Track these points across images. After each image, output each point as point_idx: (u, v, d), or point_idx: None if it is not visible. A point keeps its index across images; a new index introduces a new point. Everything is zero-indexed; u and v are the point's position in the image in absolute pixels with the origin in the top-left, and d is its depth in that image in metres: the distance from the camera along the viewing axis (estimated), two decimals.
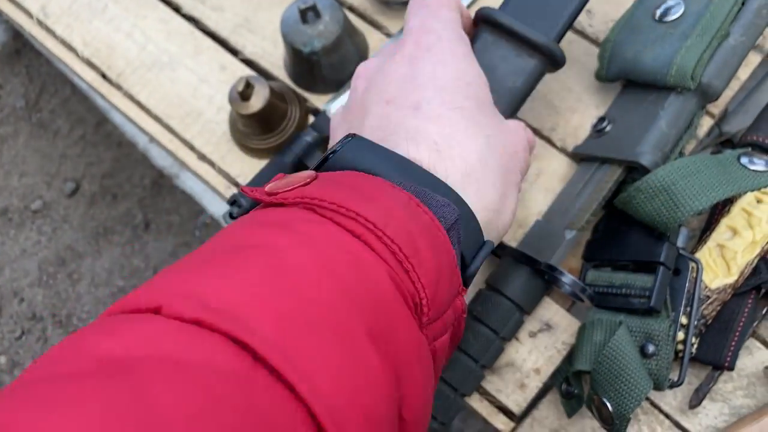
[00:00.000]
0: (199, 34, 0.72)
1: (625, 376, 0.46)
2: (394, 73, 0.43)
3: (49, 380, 0.24)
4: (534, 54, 0.50)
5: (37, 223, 1.21)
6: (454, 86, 0.42)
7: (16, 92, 1.31)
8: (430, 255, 0.33)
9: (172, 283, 0.29)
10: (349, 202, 0.33)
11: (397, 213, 0.33)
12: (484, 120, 0.42)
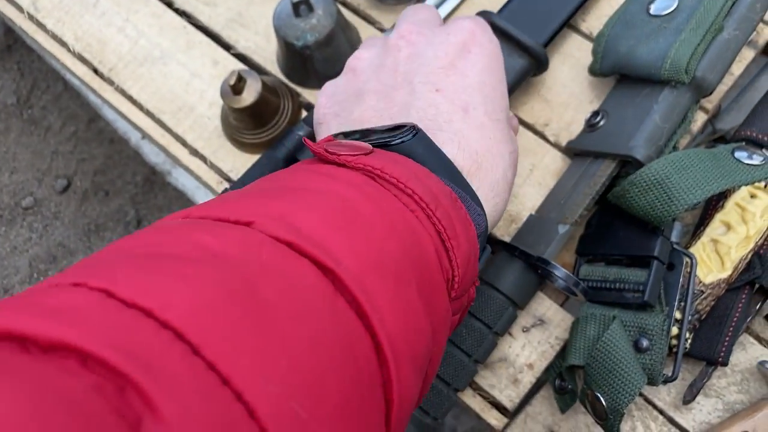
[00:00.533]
0: (191, 29, 0.71)
1: (619, 370, 0.46)
2: (445, 57, 0.44)
3: (157, 256, 0.26)
4: (523, 55, 0.57)
5: (28, 220, 1.20)
6: (495, 97, 0.44)
7: (7, 88, 1.30)
8: (464, 241, 0.37)
9: (258, 205, 0.31)
10: (408, 180, 0.35)
11: (443, 201, 0.36)
12: (508, 134, 0.44)
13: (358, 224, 0.32)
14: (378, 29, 0.68)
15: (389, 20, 0.68)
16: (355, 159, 0.36)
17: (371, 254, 0.31)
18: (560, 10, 0.60)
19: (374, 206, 0.33)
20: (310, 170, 0.36)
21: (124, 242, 0.29)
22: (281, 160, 0.61)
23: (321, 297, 0.28)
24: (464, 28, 0.45)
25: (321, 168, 0.36)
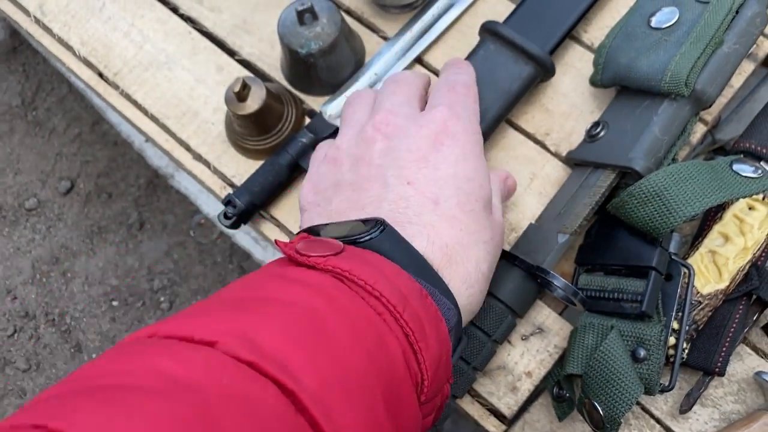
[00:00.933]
0: (196, 35, 0.72)
1: (616, 380, 0.46)
2: (418, 151, 0.44)
3: (117, 388, 0.26)
4: (529, 62, 0.59)
5: (32, 221, 1.21)
6: (470, 187, 0.44)
7: (12, 90, 1.31)
8: (434, 343, 0.37)
9: (223, 320, 0.31)
10: (375, 282, 0.36)
11: (412, 300, 0.36)
12: (485, 222, 0.44)
13: (322, 338, 0.32)
14: (381, 37, 0.69)
15: (392, 29, 0.68)
16: (325, 261, 0.36)
17: (334, 370, 0.31)
18: (565, 18, 0.61)
19: (340, 316, 0.33)
20: (279, 276, 0.36)
21: (87, 370, 0.29)
22: (284, 166, 0.62)
23: (281, 419, 0.28)
24: (437, 119, 0.46)
25: (290, 272, 0.37)
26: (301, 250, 0.37)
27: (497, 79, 0.59)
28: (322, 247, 0.38)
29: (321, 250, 0.37)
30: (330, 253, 0.37)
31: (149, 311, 1.14)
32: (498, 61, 0.59)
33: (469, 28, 0.68)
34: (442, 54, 0.67)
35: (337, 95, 0.65)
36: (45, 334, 1.13)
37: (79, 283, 1.16)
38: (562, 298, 0.54)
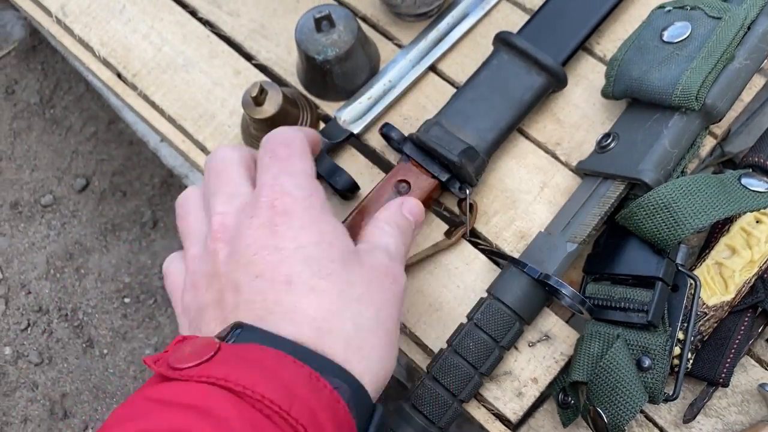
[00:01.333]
0: (214, 38, 0.73)
1: (621, 388, 0.47)
2: (256, 243, 0.42)
3: None
4: (542, 73, 0.60)
5: (47, 218, 1.23)
6: (320, 252, 0.42)
7: (30, 88, 1.33)
8: (332, 428, 0.35)
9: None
10: (256, 384, 0.34)
11: (299, 391, 0.35)
12: (350, 278, 0.42)
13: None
14: (396, 45, 0.70)
15: (407, 36, 0.69)
16: (199, 371, 0.35)
17: None
18: (578, 30, 0.62)
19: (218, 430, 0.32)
20: (153, 399, 0.35)
21: None
22: None
23: None
24: (264, 204, 0.43)
25: (164, 391, 0.35)
26: (174, 362, 0.36)
27: (510, 89, 0.60)
28: (195, 352, 0.36)
29: (193, 357, 0.36)
30: (204, 359, 0.35)
31: (161, 309, 1.15)
32: (511, 71, 0.61)
33: (483, 37, 0.69)
34: (456, 62, 0.68)
35: (352, 101, 0.66)
36: (58, 328, 1.15)
37: (92, 279, 1.17)
38: (569, 306, 0.54)
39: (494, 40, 0.63)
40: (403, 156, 0.60)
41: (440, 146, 0.57)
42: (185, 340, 0.38)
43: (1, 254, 1.20)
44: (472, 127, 0.59)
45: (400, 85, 0.67)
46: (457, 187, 0.59)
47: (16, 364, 1.13)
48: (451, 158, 0.56)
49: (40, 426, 1.09)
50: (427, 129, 0.59)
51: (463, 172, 0.57)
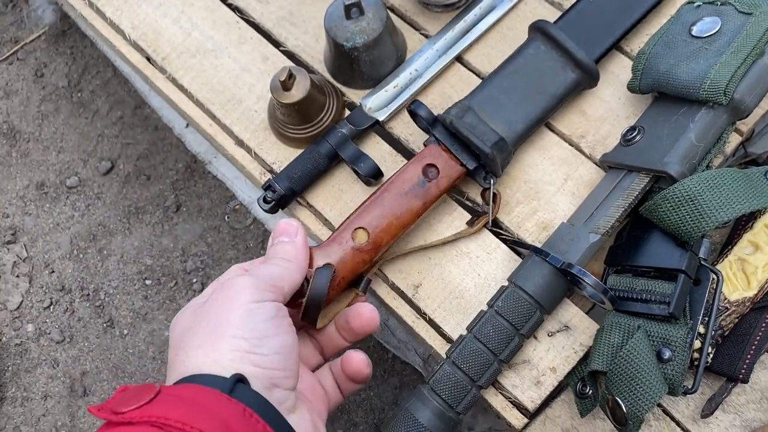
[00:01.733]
0: (243, 24, 0.74)
1: (641, 378, 0.47)
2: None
3: None
4: (576, 70, 0.60)
5: (72, 199, 1.24)
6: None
7: (59, 71, 1.34)
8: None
9: None
10: (195, 420, 0.37)
11: (234, 425, 0.39)
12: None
13: None
14: (423, 35, 0.70)
15: (434, 27, 0.70)
16: (140, 412, 0.38)
17: None
18: (615, 28, 0.62)
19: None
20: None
21: None
22: (323, 155, 0.63)
23: None
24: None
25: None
26: (116, 407, 0.39)
27: (544, 83, 0.60)
28: (136, 397, 0.39)
29: (135, 400, 0.39)
30: (145, 401, 0.39)
31: (181, 291, 1.16)
32: (547, 64, 0.60)
33: (510, 29, 0.69)
34: (482, 54, 0.68)
35: (378, 89, 0.67)
36: (79, 308, 1.16)
37: (114, 260, 1.19)
38: (590, 297, 0.55)
39: (531, 28, 0.63)
40: (431, 137, 0.60)
41: (474, 135, 0.57)
42: (127, 389, 0.41)
43: (27, 233, 1.22)
44: (503, 117, 0.59)
45: (426, 75, 0.67)
46: (482, 176, 0.60)
47: (38, 342, 1.15)
48: (484, 149, 0.56)
49: (60, 403, 1.11)
50: (460, 115, 0.58)
51: (492, 163, 0.57)
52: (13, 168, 1.28)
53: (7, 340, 1.16)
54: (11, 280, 1.19)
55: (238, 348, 0.43)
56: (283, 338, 0.45)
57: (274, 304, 0.46)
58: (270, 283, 0.47)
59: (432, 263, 0.61)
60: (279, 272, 0.49)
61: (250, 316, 0.44)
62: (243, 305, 0.45)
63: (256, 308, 0.45)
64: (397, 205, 0.57)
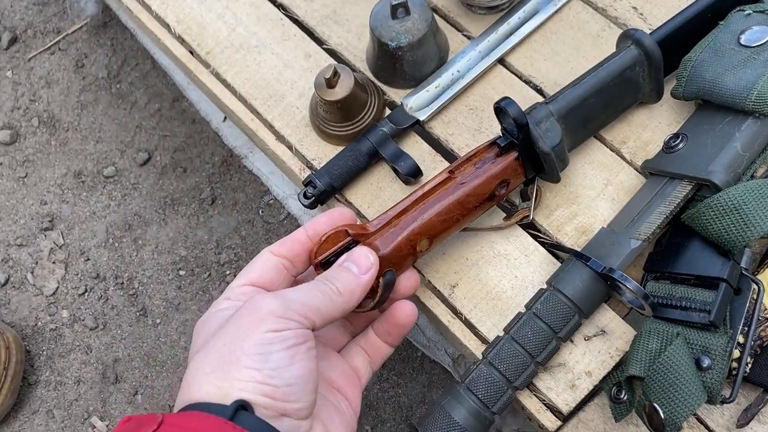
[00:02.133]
0: (287, 22, 0.75)
1: (680, 384, 0.47)
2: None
3: None
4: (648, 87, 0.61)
5: (108, 188, 1.26)
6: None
7: (99, 63, 1.37)
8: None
9: None
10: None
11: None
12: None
13: None
14: (465, 36, 0.71)
15: (477, 28, 0.70)
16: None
17: None
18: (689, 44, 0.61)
19: None
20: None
21: None
22: (364, 153, 0.64)
23: None
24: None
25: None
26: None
27: (623, 95, 0.61)
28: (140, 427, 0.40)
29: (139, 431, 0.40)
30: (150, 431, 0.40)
31: (214, 283, 1.18)
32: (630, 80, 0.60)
33: (553, 33, 0.69)
34: (525, 56, 0.68)
35: (419, 89, 0.67)
36: (113, 296, 1.18)
37: (149, 250, 1.21)
38: (630, 302, 0.55)
39: (621, 37, 0.61)
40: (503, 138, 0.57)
41: (558, 158, 0.57)
42: (131, 419, 0.42)
43: (63, 221, 1.25)
44: (574, 129, 0.59)
45: (468, 76, 0.67)
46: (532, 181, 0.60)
47: (73, 327, 1.17)
48: (558, 174, 0.58)
49: (92, 388, 1.13)
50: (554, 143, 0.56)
51: (554, 174, 0.58)
52: (52, 156, 1.30)
53: (42, 324, 1.18)
54: (48, 266, 1.21)
55: (250, 378, 0.42)
56: (298, 368, 0.44)
57: (294, 332, 0.44)
58: (300, 312, 0.45)
59: (469, 264, 0.61)
60: (317, 303, 0.47)
61: (266, 346, 0.43)
62: (261, 334, 0.43)
63: (274, 338, 0.43)
64: (463, 216, 0.56)
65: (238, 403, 0.41)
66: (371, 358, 0.55)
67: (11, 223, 1.25)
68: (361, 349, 0.55)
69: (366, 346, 0.55)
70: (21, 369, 1.12)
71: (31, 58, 1.39)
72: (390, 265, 0.53)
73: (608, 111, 0.60)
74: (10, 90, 1.36)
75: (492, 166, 0.56)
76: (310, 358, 0.45)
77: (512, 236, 0.61)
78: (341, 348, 0.56)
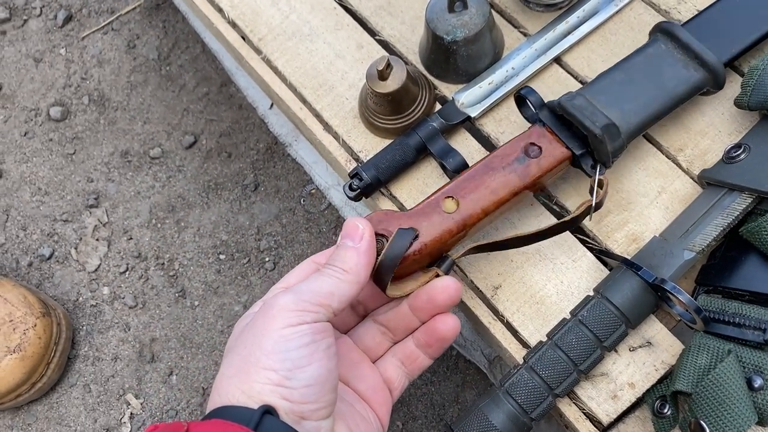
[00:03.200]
0: (341, 11, 0.74)
1: (730, 404, 0.46)
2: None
3: None
4: (700, 69, 0.58)
5: (154, 169, 1.28)
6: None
7: (150, 44, 1.38)
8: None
9: None
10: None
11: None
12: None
13: None
14: (522, 33, 0.69)
15: (534, 26, 0.69)
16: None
17: None
18: (749, 32, 0.59)
19: None
20: None
21: None
22: (412, 147, 0.63)
23: None
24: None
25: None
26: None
27: (663, 78, 0.57)
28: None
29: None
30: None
31: (254, 269, 1.18)
32: (667, 61, 0.58)
33: (613, 34, 0.67)
34: (582, 57, 0.67)
35: (472, 85, 0.66)
36: (153, 276, 1.20)
37: (190, 233, 1.22)
38: (680, 314, 0.53)
39: (654, 29, 0.61)
40: (538, 122, 0.58)
41: (583, 115, 0.54)
42: (156, 428, 0.42)
43: (109, 199, 1.27)
44: (617, 107, 0.56)
45: (523, 74, 0.66)
46: (589, 164, 0.56)
47: (112, 305, 1.19)
48: (593, 129, 0.53)
49: (129, 366, 1.15)
50: (570, 98, 0.56)
51: (601, 147, 0.54)
52: (101, 135, 1.32)
53: (83, 300, 1.20)
54: (91, 242, 1.23)
55: (267, 380, 0.42)
56: (316, 367, 0.43)
57: (312, 327, 0.44)
58: (314, 302, 0.45)
59: (514, 266, 0.60)
60: (329, 288, 0.47)
61: (283, 344, 0.43)
62: (277, 330, 0.43)
63: (291, 334, 0.43)
64: (491, 177, 0.54)
65: (264, 408, 0.41)
66: (408, 369, 0.54)
67: (58, 199, 1.27)
68: (397, 361, 0.54)
69: (404, 356, 0.54)
70: (68, 346, 1.15)
71: (85, 37, 1.40)
72: (425, 235, 0.53)
73: (658, 94, 0.57)
74: (63, 68, 1.38)
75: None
76: (329, 357, 0.44)
77: (560, 240, 0.60)
78: (377, 359, 0.55)
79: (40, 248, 1.23)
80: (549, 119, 0.57)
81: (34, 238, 1.24)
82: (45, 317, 1.08)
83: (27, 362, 1.05)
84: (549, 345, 0.53)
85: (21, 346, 1.04)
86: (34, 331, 1.06)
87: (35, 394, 1.11)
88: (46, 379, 1.10)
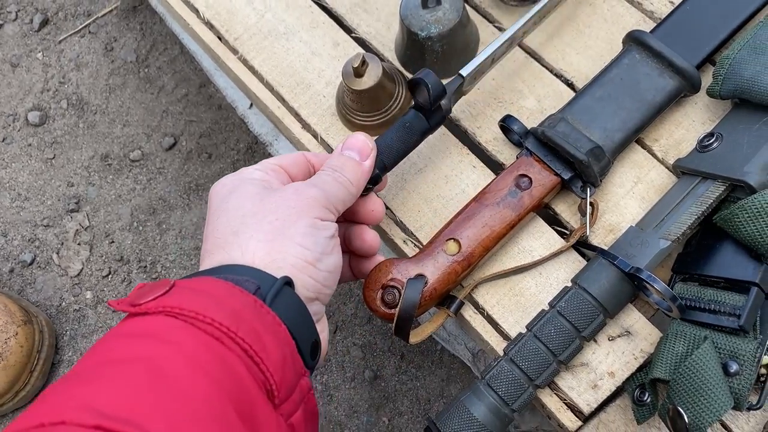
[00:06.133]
0: (316, 9, 0.74)
1: (707, 389, 0.46)
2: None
3: None
4: (675, 76, 0.59)
5: (134, 172, 1.27)
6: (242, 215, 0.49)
7: (128, 47, 1.37)
8: (274, 348, 0.40)
9: (69, 398, 0.35)
10: (207, 309, 0.39)
11: (245, 315, 0.40)
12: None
13: (162, 383, 0.35)
14: (496, 28, 0.70)
15: (508, 20, 0.69)
16: (156, 303, 0.39)
17: (181, 408, 0.34)
18: (716, 33, 0.60)
19: (182, 357, 0.36)
20: (118, 335, 0.39)
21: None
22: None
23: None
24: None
25: (127, 327, 0.40)
26: (134, 300, 0.41)
27: (641, 90, 0.59)
28: (153, 290, 0.41)
29: (151, 293, 0.41)
30: (160, 293, 0.40)
31: None
32: (642, 71, 0.59)
33: (587, 26, 0.68)
34: (557, 50, 0.67)
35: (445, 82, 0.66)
36: (136, 279, 1.19)
37: (172, 234, 1.21)
38: (656, 303, 0.54)
39: (626, 38, 0.62)
40: (524, 150, 0.60)
41: (567, 143, 0.56)
42: (144, 285, 0.43)
43: (89, 203, 1.26)
44: (600, 126, 0.58)
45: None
46: (579, 186, 0.58)
47: (96, 309, 1.18)
48: (578, 156, 0.55)
49: None
50: (552, 124, 0.58)
51: (588, 171, 0.56)
52: (80, 138, 1.31)
53: (66, 305, 1.19)
54: (73, 247, 1.22)
55: (302, 257, 0.45)
56: (336, 258, 0.48)
57: (333, 225, 0.48)
58: (335, 205, 0.49)
59: (493, 260, 0.60)
60: (342, 196, 0.50)
61: (315, 231, 0.46)
62: (310, 218, 0.46)
63: (321, 225, 0.47)
64: (489, 215, 0.57)
65: (285, 279, 0.43)
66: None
67: (38, 204, 1.27)
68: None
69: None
70: (52, 352, 1.14)
71: (62, 41, 1.40)
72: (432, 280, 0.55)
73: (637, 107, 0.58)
74: (41, 72, 1.37)
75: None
76: (340, 252, 0.49)
77: (537, 232, 0.60)
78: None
79: (22, 254, 1.22)
80: (535, 146, 0.59)
81: (15, 243, 1.23)
82: (26, 325, 1.07)
83: (9, 371, 1.04)
84: (528, 336, 0.53)
85: (2, 355, 1.04)
86: (16, 339, 1.05)
87: (19, 403, 1.10)
88: (29, 387, 1.09)
